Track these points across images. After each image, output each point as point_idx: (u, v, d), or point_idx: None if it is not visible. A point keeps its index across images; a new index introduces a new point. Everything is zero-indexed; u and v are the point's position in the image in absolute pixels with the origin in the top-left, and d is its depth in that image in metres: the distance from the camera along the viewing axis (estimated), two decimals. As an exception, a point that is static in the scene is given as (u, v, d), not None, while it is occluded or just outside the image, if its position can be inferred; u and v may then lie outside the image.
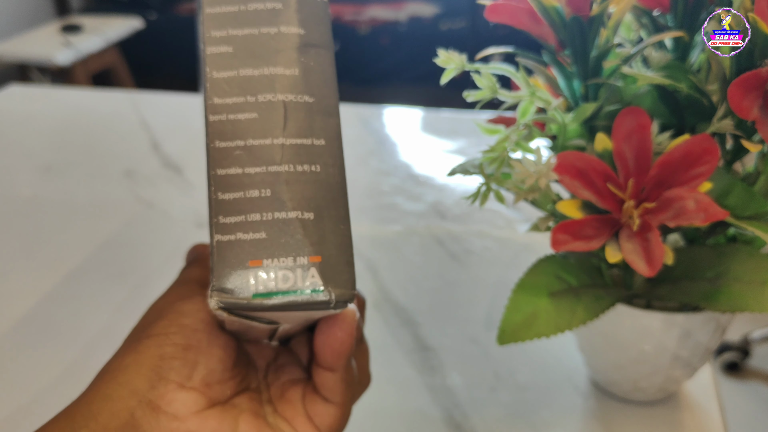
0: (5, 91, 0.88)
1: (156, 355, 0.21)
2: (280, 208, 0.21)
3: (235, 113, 0.22)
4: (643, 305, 0.34)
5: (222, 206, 0.21)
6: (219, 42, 0.22)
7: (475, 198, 0.32)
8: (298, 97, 0.22)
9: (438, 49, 0.32)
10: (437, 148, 0.72)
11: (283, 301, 0.20)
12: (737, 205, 0.30)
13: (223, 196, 0.21)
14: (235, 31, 0.22)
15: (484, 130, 0.35)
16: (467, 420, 0.38)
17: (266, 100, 0.22)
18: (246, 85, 0.22)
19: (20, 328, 0.46)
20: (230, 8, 0.22)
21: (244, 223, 0.21)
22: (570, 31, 0.30)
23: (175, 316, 0.22)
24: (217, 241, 0.20)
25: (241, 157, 0.21)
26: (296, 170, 0.21)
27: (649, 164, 0.30)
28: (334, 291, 0.20)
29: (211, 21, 0.22)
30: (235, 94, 0.22)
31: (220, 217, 0.21)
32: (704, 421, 0.38)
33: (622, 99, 0.33)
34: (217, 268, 0.20)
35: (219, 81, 0.22)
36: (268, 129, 0.22)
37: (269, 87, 0.22)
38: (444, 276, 0.51)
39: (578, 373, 0.41)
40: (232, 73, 0.22)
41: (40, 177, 0.67)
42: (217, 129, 0.21)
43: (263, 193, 0.21)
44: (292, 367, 0.25)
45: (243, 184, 0.21)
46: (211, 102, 0.22)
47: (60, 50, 1.77)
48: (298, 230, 0.21)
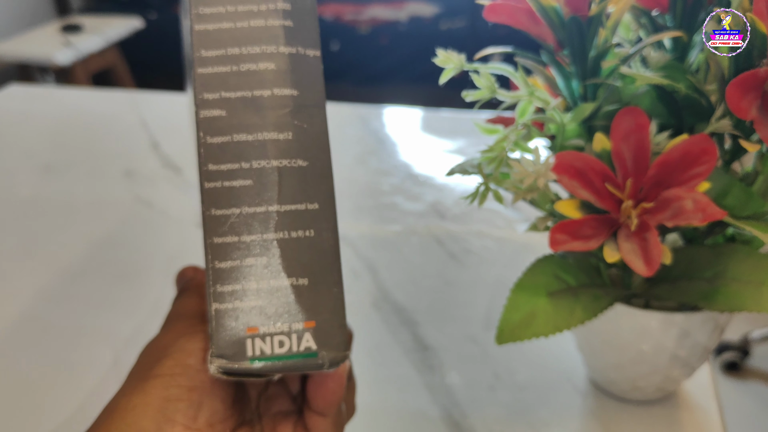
0: (5, 90, 0.88)
1: (162, 397, 0.22)
2: (276, 276, 0.21)
3: (230, 180, 0.22)
4: (641, 305, 0.34)
5: (219, 275, 0.21)
6: (212, 105, 0.22)
7: (473, 198, 0.32)
8: (292, 161, 0.22)
9: (438, 48, 0.32)
10: (437, 147, 0.72)
11: (278, 365, 0.21)
12: (735, 205, 0.30)
13: (220, 264, 0.21)
14: (228, 93, 0.22)
15: (483, 130, 0.36)
16: (466, 419, 0.39)
17: (260, 166, 0.22)
18: (240, 151, 0.22)
19: (19, 327, 0.46)
20: (223, 69, 0.22)
21: (240, 292, 0.21)
22: (568, 31, 0.30)
23: (180, 356, 0.22)
24: (215, 310, 0.21)
25: (236, 226, 0.22)
26: (291, 236, 0.22)
27: (647, 164, 0.30)
28: (327, 354, 0.21)
29: (204, 82, 0.22)
30: (229, 161, 0.22)
31: (217, 286, 0.21)
32: (703, 420, 0.38)
33: (621, 99, 0.33)
34: (216, 335, 0.21)
35: (213, 147, 0.22)
36: (262, 196, 0.22)
37: (263, 153, 0.22)
38: (443, 275, 0.51)
39: (577, 372, 0.41)
40: (226, 138, 0.22)
41: (40, 177, 0.67)
42: (212, 196, 0.22)
43: (259, 261, 0.22)
44: (283, 399, 0.26)
45: (239, 253, 0.21)
46: (206, 168, 0.22)
47: (60, 50, 1.77)
48: (293, 297, 0.21)
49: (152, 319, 0.47)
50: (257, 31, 0.22)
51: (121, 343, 0.45)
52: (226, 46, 0.22)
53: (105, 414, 0.22)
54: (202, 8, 0.22)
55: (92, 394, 0.41)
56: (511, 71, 0.33)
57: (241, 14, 0.22)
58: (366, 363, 0.43)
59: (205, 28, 0.22)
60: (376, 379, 0.42)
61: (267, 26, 0.22)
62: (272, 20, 0.22)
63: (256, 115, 0.22)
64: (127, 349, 0.44)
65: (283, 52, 0.22)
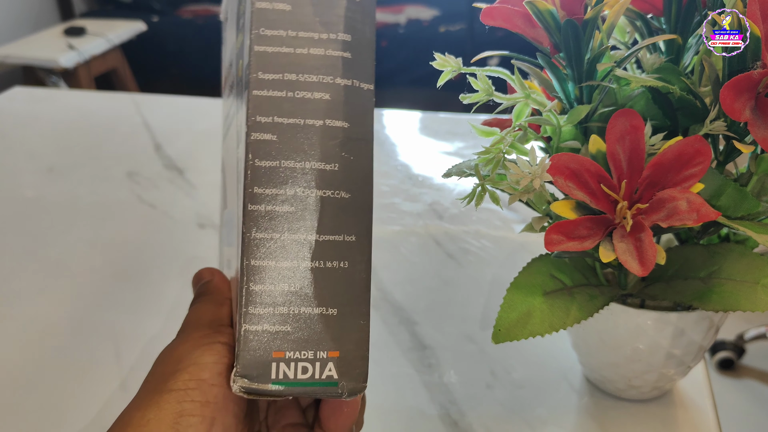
0: (9, 92, 0.89)
1: (176, 411, 0.22)
2: (307, 304, 0.22)
3: (273, 205, 0.22)
4: (636, 304, 0.35)
5: (252, 296, 0.22)
6: (264, 129, 0.22)
7: (470, 199, 0.32)
8: (335, 193, 0.22)
9: (435, 52, 0.33)
10: (435, 149, 0.73)
11: (298, 390, 0.22)
12: (729, 206, 0.31)
13: (254, 287, 0.22)
14: (281, 119, 0.22)
15: (480, 132, 0.36)
16: (463, 417, 0.39)
17: (304, 194, 0.22)
18: (286, 178, 0.22)
19: (23, 328, 0.47)
20: (278, 93, 0.22)
21: (271, 315, 0.22)
22: (564, 34, 0.31)
23: (195, 370, 0.23)
24: (244, 330, 0.22)
25: (274, 250, 0.22)
26: (325, 266, 0.22)
27: (642, 165, 0.30)
28: (347, 384, 0.22)
29: (258, 105, 0.22)
30: (274, 186, 0.22)
31: (249, 307, 0.22)
32: (698, 418, 0.38)
33: (616, 101, 0.34)
34: (242, 355, 0.22)
35: (260, 170, 0.22)
36: (302, 224, 0.22)
37: (308, 182, 0.22)
38: (441, 275, 0.52)
39: (573, 371, 0.42)
40: (274, 163, 0.22)
41: (44, 178, 0.67)
42: (254, 219, 0.22)
43: (291, 287, 0.22)
44: (292, 411, 0.26)
45: (274, 277, 0.22)
46: (251, 191, 0.22)
47: (63, 53, 1.78)
48: (321, 325, 0.22)
49: (155, 318, 0.47)
50: (316, 59, 0.22)
51: (124, 343, 0.45)
52: (284, 71, 0.22)
53: (118, 427, 0.22)
54: (264, 29, 0.22)
55: (94, 394, 0.41)
56: (507, 74, 0.34)
57: (302, 40, 0.22)
58: (365, 362, 0.43)
59: (265, 50, 0.22)
60: (375, 378, 0.42)
61: (326, 56, 0.22)
62: (332, 50, 0.22)
63: (306, 144, 0.22)
64: (130, 349, 0.45)
65: (339, 83, 0.22)
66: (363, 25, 0.23)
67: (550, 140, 0.34)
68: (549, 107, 0.33)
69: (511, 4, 0.32)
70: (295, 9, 0.22)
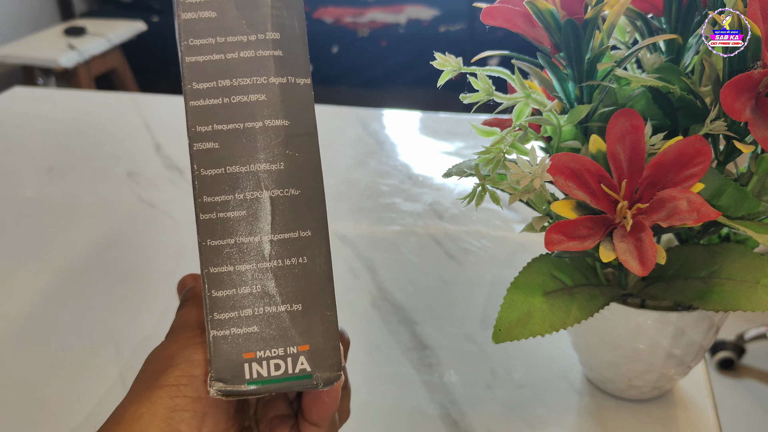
0: (9, 92, 0.89)
1: (169, 407, 0.22)
2: (270, 303, 0.22)
3: (225, 211, 0.22)
4: (637, 304, 0.35)
5: (216, 303, 0.22)
6: (205, 138, 0.22)
7: (470, 199, 0.32)
8: (284, 191, 0.23)
9: (436, 52, 0.33)
10: (435, 149, 0.73)
11: (274, 386, 0.22)
12: (730, 206, 0.31)
13: (216, 293, 0.22)
14: (220, 126, 0.22)
15: (480, 132, 0.36)
16: (464, 417, 0.39)
17: (254, 197, 0.22)
18: (233, 183, 0.22)
19: (23, 327, 0.47)
20: (214, 101, 0.22)
21: (237, 319, 0.22)
22: (564, 34, 0.31)
23: (186, 367, 0.23)
24: (213, 336, 0.22)
25: (231, 255, 0.22)
26: (284, 264, 0.22)
27: (642, 165, 0.30)
28: (321, 375, 0.22)
29: (196, 115, 0.22)
30: (223, 192, 0.22)
31: (215, 314, 0.22)
32: (698, 418, 0.38)
33: (616, 101, 0.34)
34: (214, 360, 0.22)
35: (207, 179, 0.22)
36: (256, 226, 0.22)
37: (256, 184, 0.22)
38: (441, 275, 0.52)
39: (573, 370, 0.42)
40: (219, 170, 0.22)
41: (44, 178, 0.67)
42: (207, 227, 0.22)
43: (254, 289, 0.22)
44: (280, 403, 0.26)
45: (234, 282, 0.22)
46: (200, 200, 0.22)
47: (63, 53, 1.78)
48: (288, 322, 0.22)
49: (155, 318, 0.47)
50: (247, 62, 0.22)
51: (124, 342, 0.45)
52: (217, 78, 0.22)
53: (112, 422, 0.23)
54: (192, 40, 0.22)
55: (95, 393, 0.41)
56: (508, 74, 0.34)
57: (231, 45, 0.22)
58: (365, 361, 0.43)
59: (196, 59, 0.22)
60: (375, 378, 0.42)
61: (257, 57, 0.23)
62: (262, 51, 0.23)
63: (249, 147, 0.22)
64: (130, 348, 0.45)
65: (274, 82, 0.23)
66: (291, 21, 0.23)
67: (550, 140, 0.34)
68: (549, 107, 0.33)
69: (512, 3, 0.32)
70: (221, 15, 0.22)
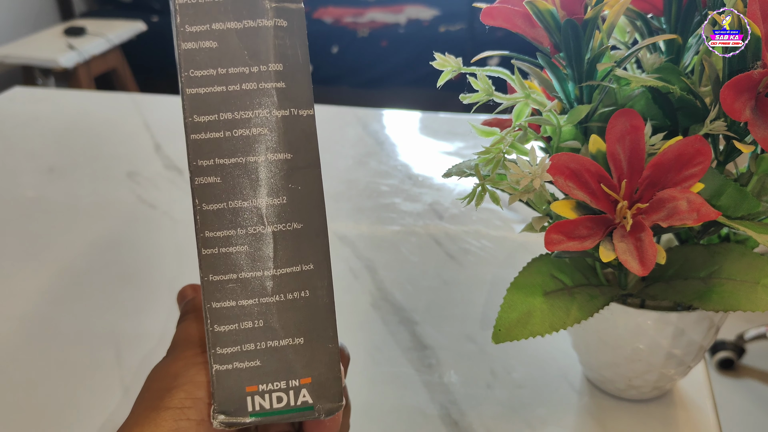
0: (9, 92, 0.89)
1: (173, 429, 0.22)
2: (273, 337, 0.22)
3: (227, 246, 0.22)
4: (636, 304, 0.35)
5: (219, 338, 0.22)
6: (206, 172, 0.22)
7: (470, 199, 0.32)
8: (287, 225, 0.22)
9: (436, 52, 0.33)
10: (435, 149, 0.73)
11: (277, 418, 0.22)
12: (730, 206, 0.31)
13: (219, 328, 0.22)
14: (222, 160, 0.22)
15: (480, 132, 0.36)
16: (464, 417, 0.39)
17: (256, 232, 0.22)
18: (236, 218, 0.22)
19: (23, 328, 0.47)
20: (216, 135, 0.22)
21: (239, 353, 0.22)
22: (564, 34, 0.31)
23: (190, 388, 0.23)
24: (216, 371, 0.22)
25: (234, 290, 0.22)
26: (287, 298, 0.22)
27: (642, 165, 0.30)
28: (323, 406, 0.22)
29: (197, 149, 0.22)
30: (225, 228, 0.22)
31: (217, 348, 0.22)
32: (698, 418, 0.38)
33: (616, 101, 0.34)
34: (218, 393, 0.22)
35: (209, 214, 0.22)
36: (259, 261, 0.22)
37: (258, 219, 0.22)
38: (441, 275, 0.52)
39: (573, 370, 0.42)
40: (221, 205, 0.22)
41: (44, 178, 0.67)
42: (210, 263, 0.22)
43: (256, 324, 0.22)
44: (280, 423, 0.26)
45: (237, 316, 0.22)
46: (202, 236, 0.22)
47: (63, 53, 1.78)
48: (290, 355, 0.22)
49: (155, 318, 0.47)
50: (250, 94, 0.22)
51: (124, 342, 0.45)
52: (219, 110, 0.22)
53: None
54: (194, 71, 0.21)
55: (94, 394, 0.41)
56: (507, 74, 0.34)
57: (233, 77, 0.22)
58: (365, 362, 0.43)
59: (197, 92, 0.22)
60: (375, 378, 0.42)
61: (259, 89, 0.22)
62: (265, 83, 0.22)
63: (251, 181, 0.22)
64: (130, 348, 0.45)
65: (276, 115, 0.22)
66: (294, 50, 0.22)
67: (550, 140, 0.34)
68: (549, 107, 0.33)
69: (511, 4, 0.32)
70: (222, 45, 0.22)
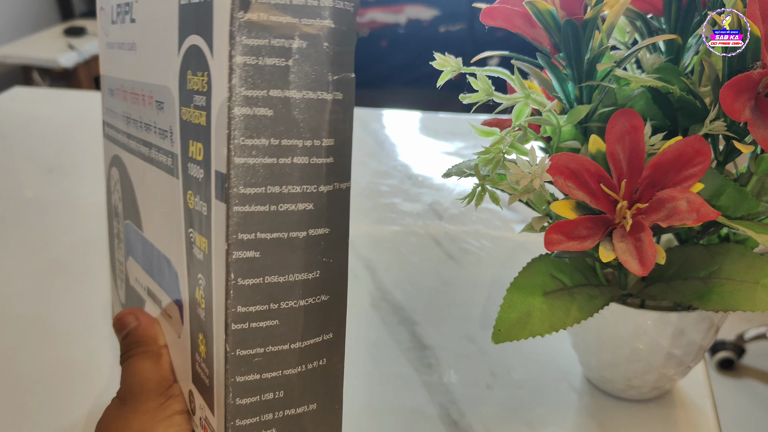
0: (9, 92, 0.89)
1: None
2: (291, 406, 0.22)
3: (258, 321, 0.21)
4: (636, 304, 0.35)
5: (240, 410, 0.22)
6: (246, 246, 0.20)
7: (470, 199, 0.32)
8: (316, 299, 0.22)
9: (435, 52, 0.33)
10: (435, 149, 0.73)
11: None
12: (729, 206, 0.31)
13: (240, 401, 0.21)
14: (264, 234, 0.20)
15: (480, 133, 0.36)
16: (463, 417, 0.39)
17: (288, 306, 0.21)
18: (270, 293, 0.21)
19: (22, 328, 0.47)
20: (261, 208, 0.20)
21: (257, 423, 0.22)
22: (564, 34, 0.31)
23: None
24: None
25: (260, 364, 0.21)
26: (307, 369, 0.22)
27: (642, 165, 0.30)
28: None
29: (240, 221, 0.20)
30: (259, 303, 0.21)
31: (236, 421, 0.22)
32: (698, 418, 0.38)
33: (616, 101, 0.34)
34: None
35: (244, 288, 0.21)
36: (287, 335, 0.22)
37: (292, 294, 0.21)
38: (441, 275, 0.52)
39: (573, 371, 0.42)
40: (258, 280, 0.21)
41: (43, 178, 0.67)
42: (238, 337, 0.21)
43: (277, 395, 0.22)
44: None
45: (260, 389, 0.22)
46: (233, 310, 0.21)
47: (63, 53, 1.78)
48: (304, 421, 0.22)
49: (154, 318, 0.47)
50: (300, 168, 0.20)
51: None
52: (267, 183, 0.20)
53: None
54: (245, 139, 0.20)
55: (94, 395, 0.41)
56: (507, 74, 0.34)
57: (285, 149, 0.20)
58: (364, 362, 0.43)
59: (246, 161, 0.20)
60: (375, 378, 0.42)
61: (310, 164, 0.21)
62: (316, 158, 0.21)
63: (290, 257, 0.21)
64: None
65: (323, 191, 0.21)
66: (344, 124, 0.21)
67: (549, 140, 0.34)
68: (549, 107, 0.33)
69: (511, 4, 0.32)
70: (278, 114, 0.20)
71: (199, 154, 0.22)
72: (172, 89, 0.25)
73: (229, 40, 0.19)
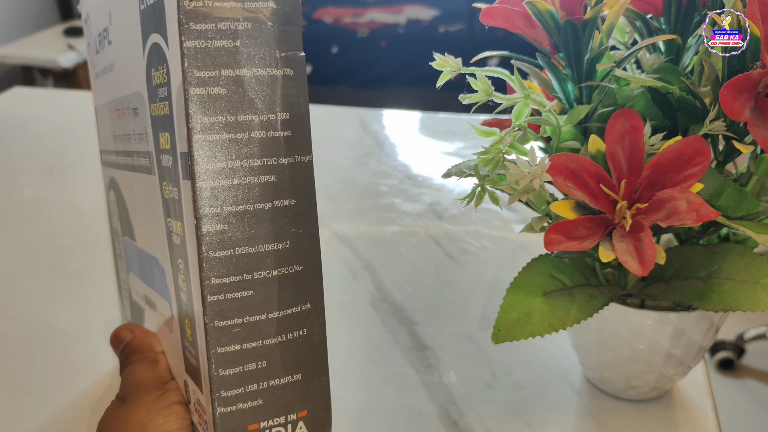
0: (9, 92, 0.89)
1: None
2: (274, 376, 0.23)
3: (233, 292, 0.22)
4: (636, 304, 0.35)
5: (224, 381, 0.22)
6: (214, 220, 0.22)
7: (470, 199, 0.32)
8: (289, 268, 0.23)
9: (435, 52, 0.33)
10: (434, 149, 0.73)
11: None
12: (729, 206, 0.31)
13: (223, 372, 0.22)
14: (230, 207, 0.22)
15: (480, 133, 0.36)
16: (463, 417, 0.39)
17: (261, 277, 0.22)
18: (242, 264, 0.22)
19: (22, 328, 0.47)
20: (225, 182, 0.22)
21: (243, 394, 0.22)
22: (564, 35, 0.31)
23: None
24: (219, 413, 0.22)
25: (239, 335, 0.22)
26: (287, 338, 0.23)
27: (641, 165, 0.30)
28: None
29: (205, 196, 0.21)
30: (232, 274, 0.22)
31: (222, 392, 0.22)
32: (698, 418, 0.38)
33: (616, 101, 0.34)
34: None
35: (215, 260, 0.22)
36: (264, 305, 0.22)
37: (264, 264, 0.22)
38: (441, 275, 0.52)
39: (573, 371, 0.42)
40: (229, 252, 0.22)
41: (43, 178, 0.67)
42: (215, 308, 0.22)
43: (260, 365, 0.22)
44: None
45: (242, 359, 0.22)
46: (208, 282, 0.22)
47: (63, 53, 1.78)
48: (290, 392, 0.23)
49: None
50: (259, 142, 0.22)
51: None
52: (227, 158, 0.21)
53: None
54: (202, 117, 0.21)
55: (94, 395, 0.41)
56: (507, 74, 0.34)
57: (243, 125, 0.22)
58: (364, 362, 0.43)
59: (206, 138, 0.21)
60: (374, 378, 0.42)
61: (268, 138, 0.22)
62: (273, 131, 0.22)
63: (258, 228, 0.22)
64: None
65: (284, 162, 0.22)
66: (299, 99, 0.22)
67: (549, 140, 0.34)
68: (549, 107, 0.33)
69: (511, 4, 0.32)
70: (231, 92, 0.21)
71: (167, 143, 0.23)
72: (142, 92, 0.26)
73: (179, 28, 0.20)
